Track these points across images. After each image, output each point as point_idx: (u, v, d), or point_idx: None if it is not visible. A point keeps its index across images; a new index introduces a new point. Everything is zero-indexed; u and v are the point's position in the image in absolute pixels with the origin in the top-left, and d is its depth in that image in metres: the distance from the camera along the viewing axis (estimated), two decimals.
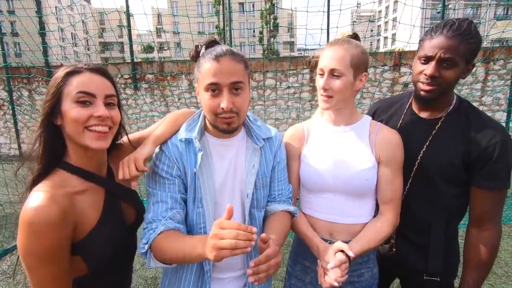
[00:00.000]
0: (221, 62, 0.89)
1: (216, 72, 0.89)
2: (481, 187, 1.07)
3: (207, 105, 0.93)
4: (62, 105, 0.82)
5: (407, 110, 1.23)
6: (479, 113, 1.12)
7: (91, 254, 0.84)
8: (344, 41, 1.07)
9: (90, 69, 0.86)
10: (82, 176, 0.87)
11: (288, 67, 6.77)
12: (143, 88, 7.22)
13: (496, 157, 1.03)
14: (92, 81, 0.84)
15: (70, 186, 0.84)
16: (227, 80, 0.89)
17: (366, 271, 1.15)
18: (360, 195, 1.11)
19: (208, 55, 0.91)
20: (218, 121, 0.94)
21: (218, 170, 1.01)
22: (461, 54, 1.01)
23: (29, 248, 0.73)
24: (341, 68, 1.03)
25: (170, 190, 0.97)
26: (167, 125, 1.06)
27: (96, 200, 0.89)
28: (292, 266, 1.26)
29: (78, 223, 0.82)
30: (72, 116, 0.80)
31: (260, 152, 1.06)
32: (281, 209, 1.09)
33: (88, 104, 0.83)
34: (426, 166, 1.13)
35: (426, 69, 1.06)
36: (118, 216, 0.94)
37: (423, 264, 1.17)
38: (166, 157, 0.98)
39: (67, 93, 0.82)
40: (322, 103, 1.09)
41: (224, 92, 0.90)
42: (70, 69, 0.84)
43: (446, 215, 1.14)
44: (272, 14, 19.47)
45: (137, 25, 6.90)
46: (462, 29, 1.00)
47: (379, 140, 1.12)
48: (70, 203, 0.80)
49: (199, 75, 0.94)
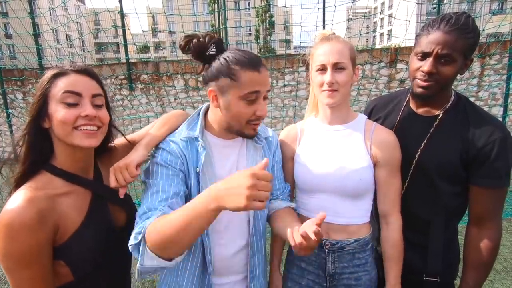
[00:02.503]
0: (262, 72, 0.92)
1: (259, 82, 0.91)
2: (480, 186, 1.05)
3: (242, 113, 0.93)
4: (49, 108, 0.82)
5: (404, 107, 1.21)
6: (478, 110, 1.10)
7: (74, 258, 0.82)
8: (337, 36, 1.08)
9: (76, 70, 0.86)
10: (66, 178, 0.86)
11: (284, 65, 6.74)
12: (139, 88, 7.16)
13: (495, 155, 1.01)
14: (78, 81, 0.84)
15: (53, 188, 0.82)
16: (266, 88, 0.93)
17: (364, 275, 1.13)
18: (355, 195, 1.09)
19: (246, 66, 0.89)
20: (247, 128, 0.96)
21: (221, 170, 1.00)
22: (459, 50, 0.98)
23: (5, 251, 0.73)
24: (344, 60, 1.04)
25: (173, 181, 0.90)
26: (159, 127, 1.04)
27: (81, 202, 0.87)
28: (288, 269, 1.24)
29: (59, 226, 0.80)
30: (59, 117, 0.80)
31: (261, 152, 1.07)
32: (285, 206, 1.10)
33: (75, 105, 0.82)
34: (424, 164, 1.11)
35: (423, 66, 1.03)
36: (105, 219, 0.91)
37: (423, 264, 1.15)
38: (168, 153, 0.95)
39: (53, 95, 0.82)
40: (327, 98, 1.06)
41: (261, 100, 0.93)
42: (56, 71, 0.84)
43: (445, 213, 1.12)
44: (268, 12, 19.41)
45: (132, 25, 6.84)
46: (459, 24, 0.97)
47: (376, 141, 1.10)
48: (50, 206, 0.79)
49: (234, 83, 0.90)
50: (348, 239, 1.11)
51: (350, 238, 1.11)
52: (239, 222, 1.04)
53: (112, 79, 7.01)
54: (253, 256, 1.06)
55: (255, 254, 1.07)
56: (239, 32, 28.82)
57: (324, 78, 1.05)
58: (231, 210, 0.68)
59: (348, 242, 1.11)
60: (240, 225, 1.04)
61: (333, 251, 1.12)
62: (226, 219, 1.01)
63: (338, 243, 1.11)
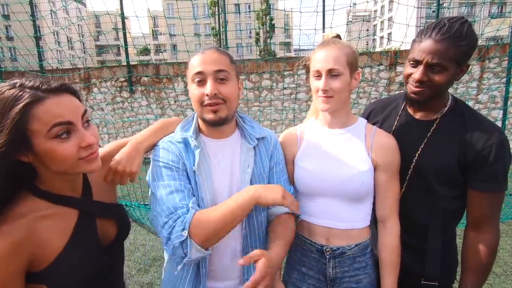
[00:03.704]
0: (205, 53, 0.96)
1: (200, 62, 0.94)
2: (478, 190, 1.05)
3: (193, 96, 0.97)
4: (34, 144, 0.69)
5: (402, 111, 1.21)
6: (475, 114, 1.10)
7: (58, 281, 0.77)
8: (335, 41, 1.07)
9: (51, 90, 0.71)
10: (50, 200, 0.79)
11: (284, 67, 6.76)
12: (139, 91, 7.17)
13: (493, 159, 1.01)
14: (61, 105, 0.71)
15: (34, 211, 0.75)
16: (211, 67, 0.93)
17: (365, 277, 1.13)
18: (356, 199, 1.09)
19: (196, 52, 0.99)
20: (204, 111, 0.96)
21: (216, 170, 1.00)
22: (450, 58, 0.98)
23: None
24: (339, 67, 1.02)
25: (182, 180, 0.94)
26: (153, 132, 1.05)
27: (65, 224, 0.81)
28: (288, 273, 1.23)
29: (37, 253, 0.75)
30: (61, 155, 0.71)
31: (254, 152, 1.06)
32: (284, 212, 1.08)
33: (69, 135, 0.72)
34: (421, 168, 1.11)
35: (415, 73, 1.04)
36: (91, 238, 0.86)
37: (421, 268, 1.14)
38: (169, 153, 0.97)
39: (36, 131, 0.68)
40: (322, 104, 1.07)
41: (209, 80, 0.94)
42: (28, 100, 0.67)
43: (443, 217, 1.12)
44: (268, 15, 19.49)
45: (132, 28, 6.88)
46: (452, 32, 0.97)
47: (376, 145, 1.10)
48: (27, 234, 0.72)
49: (187, 71, 0.99)
50: (349, 244, 1.10)
51: (351, 243, 1.10)
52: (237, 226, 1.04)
53: (113, 81, 7.03)
54: None
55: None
56: (240, 34, 28.91)
57: (319, 85, 1.05)
58: (267, 203, 0.88)
59: (349, 247, 1.10)
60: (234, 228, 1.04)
61: (334, 257, 1.11)
62: None
63: (339, 249, 1.10)
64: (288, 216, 1.08)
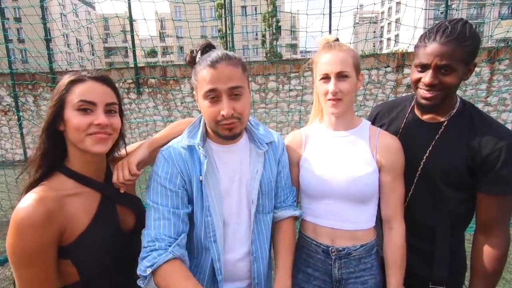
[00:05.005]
0: (217, 68, 0.87)
1: (213, 78, 0.87)
2: (486, 193, 1.04)
3: (207, 113, 0.91)
4: (65, 113, 0.85)
5: (409, 113, 1.20)
6: (484, 116, 1.09)
7: (81, 258, 0.84)
8: (339, 44, 1.08)
9: (92, 77, 0.88)
10: (77, 180, 0.89)
11: (290, 69, 6.77)
12: (146, 92, 7.25)
13: (502, 162, 1.00)
14: (93, 89, 0.87)
15: (64, 189, 0.86)
16: (225, 85, 0.87)
17: (370, 278, 1.12)
18: (361, 200, 1.09)
19: (204, 62, 0.89)
20: (219, 128, 0.92)
21: (223, 176, 0.99)
22: (458, 59, 0.98)
23: (13, 248, 0.76)
24: (348, 69, 1.04)
25: (173, 205, 0.92)
26: (165, 131, 1.08)
27: (90, 204, 0.89)
28: (294, 275, 1.23)
29: (66, 227, 0.83)
30: (73, 124, 0.84)
31: (264, 158, 1.05)
32: (288, 215, 1.10)
33: (89, 112, 0.85)
34: (429, 171, 1.10)
35: (424, 77, 1.03)
36: (113, 221, 0.93)
37: (428, 271, 1.13)
38: (169, 166, 0.95)
39: (69, 101, 0.85)
40: (331, 108, 1.07)
41: (224, 98, 0.88)
42: (73, 78, 0.86)
43: (451, 220, 1.11)
44: (274, 17, 19.52)
45: (140, 31, 6.98)
46: (456, 33, 0.97)
47: (381, 146, 1.10)
48: (58, 207, 0.82)
49: (197, 83, 0.92)
50: (355, 245, 1.10)
51: (356, 244, 1.11)
52: (243, 230, 1.04)
53: (120, 83, 7.12)
54: (256, 263, 1.05)
55: (259, 261, 1.06)
56: (246, 37, 29.01)
57: (328, 87, 1.05)
58: None
59: (354, 248, 1.10)
60: (243, 233, 1.04)
61: (339, 258, 1.11)
62: (232, 228, 1.02)
63: (344, 250, 1.11)
64: (289, 220, 1.11)
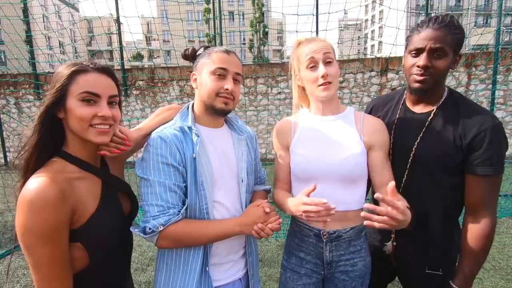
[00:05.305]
0: (231, 55, 1.09)
1: (227, 61, 1.07)
2: (474, 174, 1.08)
3: (211, 86, 1.06)
4: (67, 101, 0.84)
5: (401, 106, 1.27)
6: (469, 103, 1.16)
7: (92, 240, 0.85)
8: (317, 37, 1.19)
9: (97, 69, 0.88)
10: (79, 165, 0.89)
11: (278, 72, 6.88)
12: (134, 94, 7.18)
13: (488, 143, 1.04)
14: (98, 82, 0.87)
15: (69, 172, 0.86)
16: (233, 69, 1.08)
17: (360, 260, 1.18)
18: (351, 180, 1.15)
19: (219, 48, 1.10)
20: (217, 101, 1.07)
21: (213, 156, 1.09)
22: (449, 43, 1.07)
23: (28, 227, 0.74)
24: (332, 55, 1.14)
25: (177, 180, 1.01)
26: (152, 118, 1.17)
27: (94, 188, 0.90)
28: (287, 259, 1.28)
29: (77, 208, 0.83)
30: (77, 114, 0.84)
31: (245, 142, 1.20)
32: (262, 189, 1.32)
33: (93, 103, 0.86)
34: (421, 158, 1.15)
35: (418, 61, 1.10)
36: (116, 205, 0.95)
37: (424, 258, 1.17)
38: (167, 145, 1.01)
39: (73, 91, 0.84)
40: (323, 92, 1.13)
41: (229, 77, 1.08)
42: (76, 68, 0.86)
43: (443, 204, 1.15)
44: (262, 23, 19.74)
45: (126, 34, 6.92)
46: (447, 21, 1.07)
47: (367, 127, 1.17)
48: (69, 187, 0.82)
49: (208, 61, 1.08)
50: (345, 228, 1.16)
51: (346, 226, 1.16)
52: (232, 206, 1.14)
53: None
54: (248, 238, 1.19)
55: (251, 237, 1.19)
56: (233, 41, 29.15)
57: (318, 72, 1.12)
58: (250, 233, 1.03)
59: (344, 230, 1.16)
60: (234, 208, 1.14)
61: (330, 241, 1.17)
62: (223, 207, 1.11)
63: (335, 233, 1.16)
64: (264, 192, 1.32)
